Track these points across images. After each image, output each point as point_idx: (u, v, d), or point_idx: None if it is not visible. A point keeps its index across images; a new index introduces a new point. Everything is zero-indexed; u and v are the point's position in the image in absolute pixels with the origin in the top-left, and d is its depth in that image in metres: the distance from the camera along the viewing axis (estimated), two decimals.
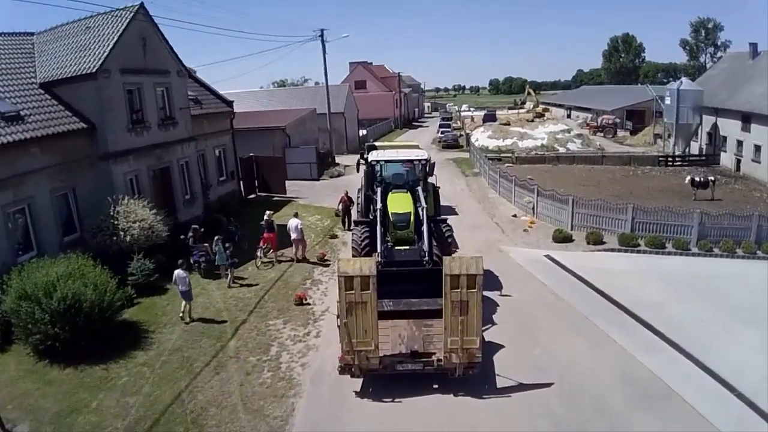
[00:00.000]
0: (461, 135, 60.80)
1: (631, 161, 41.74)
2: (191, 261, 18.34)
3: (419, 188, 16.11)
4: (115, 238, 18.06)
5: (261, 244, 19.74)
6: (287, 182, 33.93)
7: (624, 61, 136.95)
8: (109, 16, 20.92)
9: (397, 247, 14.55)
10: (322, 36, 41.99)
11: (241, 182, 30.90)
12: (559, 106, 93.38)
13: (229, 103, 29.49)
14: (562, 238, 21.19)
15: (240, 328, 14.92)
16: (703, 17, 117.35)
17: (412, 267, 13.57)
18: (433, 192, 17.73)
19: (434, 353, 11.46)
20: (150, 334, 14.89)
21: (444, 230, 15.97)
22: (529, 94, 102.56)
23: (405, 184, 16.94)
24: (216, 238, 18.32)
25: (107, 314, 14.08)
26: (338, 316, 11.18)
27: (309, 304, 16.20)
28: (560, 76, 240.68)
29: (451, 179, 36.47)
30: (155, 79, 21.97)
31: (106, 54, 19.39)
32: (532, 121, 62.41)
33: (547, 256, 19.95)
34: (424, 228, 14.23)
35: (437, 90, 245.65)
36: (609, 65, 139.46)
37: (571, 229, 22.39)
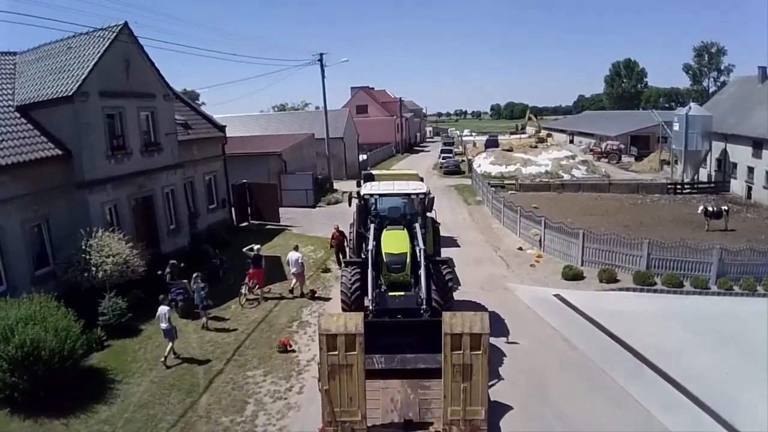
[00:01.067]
0: (463, 161, 59.58)
1: (639, 189, 40.33)
2: (169, 299, 16.84)
3: (417, 224, 14.63)
4: (86, 274, 16.74)
5: (246, 280, 18.23)
6: (283, 209, 32.65)
7: (626, 87, 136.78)
8: (92, 37, 19.80)
9: (390, 293, 12.98)
10: (321, 60, 41.14)
11: (233, 210, 29.49)
12: (562, 131, 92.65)
13: (221, 128, 28.26)
14: (573, 275, 19.64)
15: (215, 379, 13.34)
16: (706, 41, 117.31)
17: (407, 316, 12.07)
18: (432, 228, 16.17)
19: (432, 423, 9.85)
20: (116, 385, 13.42)
21: (444, 272, 14.27)
22: (530, 119, 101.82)
23: (402, 220, 15.41)
24: (195, 275, 16.82)
25: (68, 362, 12.74)
26: (319, 380, 9.60)
27: (294, 351, 14.57)
28: (561, 101, 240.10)
29: (452, 207, 35.07)
30: (139, 102, 20.76)
31: (84, 76, 18.24)
32: (535, 147, 61.16)
33: (557, 296, 18.38)
34: (422, 271, 12.73)
35: (439, 115, 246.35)
36: (611, 90, 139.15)
37: (582, 265, 20.86)
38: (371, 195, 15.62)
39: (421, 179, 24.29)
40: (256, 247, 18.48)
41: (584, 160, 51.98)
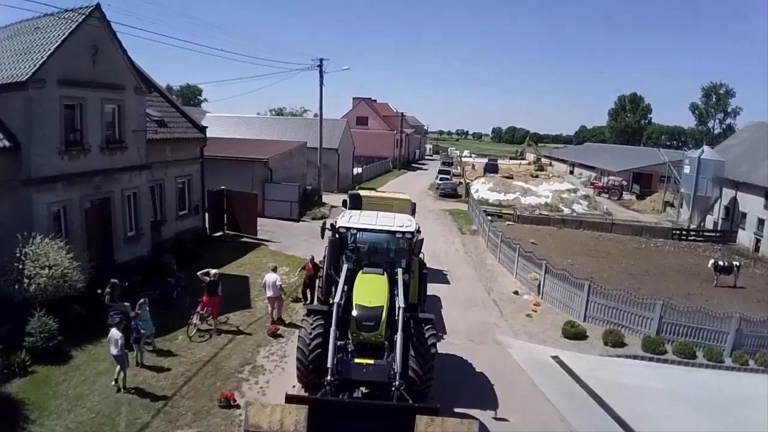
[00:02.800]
0: (460, 183, 57.52)
1: (643, 231, 38.23)
2: (108, 323, 14.41)
3: (400, 270, 12.27)
4: (17, 285, 14.48)
5: (198, 308, 15.78)
6: (263, 221, 30.31)
7: (630, 121, 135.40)
8: (60, 18, 17.53)
9: (356, 360, 10.50)
10: (320, 66, 38.99)
11: (207, 218, 27.09)
12: (562, 161, 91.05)
13: (201, 129, 25.93)
14: (574, 334, 17.31)
15: None
16: (715, 82, 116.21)
17: (375, 391, 9.74)
18: (419, 274, 13.52)
19: None
20: (29, 425, 11.18)
21: (427, 335, 11.50)
22: (529, 145, 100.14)
23: (382, 261, 12.91)
24: (141, 299, 14.40)
25: None
26: None
27: (238, 406, 12.08)
28: (562, 130, 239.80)
29: (445, 235, 32.79)
30: (104, 94, 18.44)
31: (42, 61, 15.95)
32: (536, 176, 59.14)
33: (555, 358, 16.03)
34: (399, 334, 10.31)
35: (440, 132, 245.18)
36: (615, 123, 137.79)
37: (584, 320, 18.57)
38: (347, 229, 13.05)
39: (414, 206, 22.12)
40: (212, 271, 16.00)
41: (586, 195, 50.00)
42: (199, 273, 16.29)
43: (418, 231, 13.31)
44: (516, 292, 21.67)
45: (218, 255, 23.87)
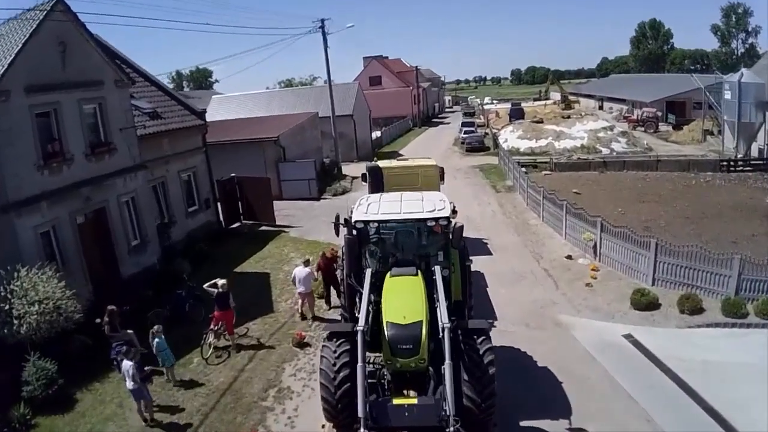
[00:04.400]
0: (486, 134, 54.31)
1: (690, 166, 34.93)
2: (111, 357, 12.69)
3: (437, 267, 9.97)
4: (6, 329, 12.84)
5: (211, 325, 13.88)
6: (282, 204, 28.32)
7: (652, 48, 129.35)
8: (22, 20, 15.39)
9: (396, 402, 8.20)
10: (323, 27, 36.14)
11: (221, 210, 25.17)
12: (589, 96, 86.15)
13: (200, 114, 23.71)
14: (646, 303, 14.86)
15: None
16: (733, 2, 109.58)
17: None
18: (461, 267, 10.92)
19: None
20: None
21: (483, 349, 9.03)
22: (552, 83, 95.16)
23: (414, 257, 10.59)
24: (155, 328, 12.55)
25: None
26: None
27: None
28: (583, 64, 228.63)
29: (478, 196, 30.21)
30: (81, 94, 16.39)
31: (2, 71, 13.99)
32: (568, 117, 55.24)
33: (629, 338, 13.65)
34: (447, 363, 7.95)
35: (458, 82, 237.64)
36: (637, 52, 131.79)
37: (653, 284, 16.11)
38: (366, 223, 10.56)
39: (442, 171, 19.65)
40: (220, 282, 13.90)
41: (623, 131, 46.35)
42: (205, 285, 14.33)
43: (454, 211, 10.95)
44: (569, 257, 19.16)
45: (236, 250, 22.04)
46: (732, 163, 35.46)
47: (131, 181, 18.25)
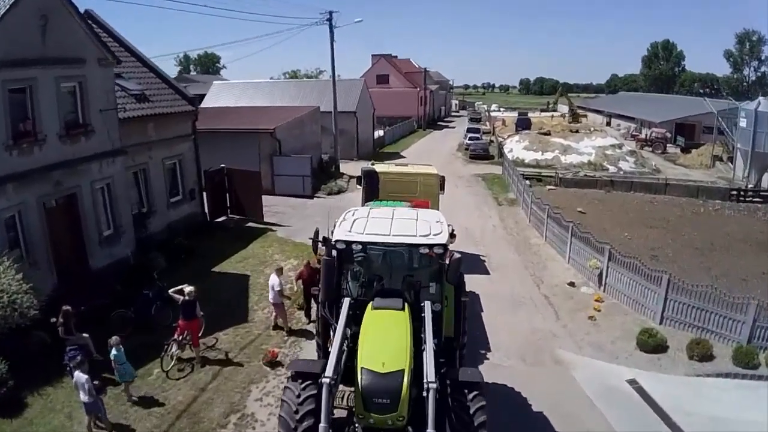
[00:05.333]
0: (491, 141, 53.04)
1: (699, 192, 33.76)
2: (64, 362, 11.44)
3: (427, 302, 8.66)
4: None
5: (175, 335, 12.59)
6: (273, 199, 27.10)
7: (663, 69, 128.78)
8: None
9: None
10: (330, 19, 34.78)
11: (206, 202, 23.85)
12: (598, 111, 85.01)
13: (191, 100, 22.38)
14: (653, 346, 13.60)
15: None
16: (748, 29, 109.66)
17: None
18: (455, 303, 9.66)
19: None
20: None
21: (474, 409, 7.64)
22: (561, 95, 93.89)
23: (402, 286, 9.28)
24: (112, 340, 11.25)
25: None
26: None
27: None
28: (592, 79, 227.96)
29: (479, 207, 28.94)
30: (60, 71, 15.07)
31: None
32: (576, 131, 53.98)
33: (633, 383, 12.41)
34: (429, 422, 6.72)
35: (466, 87, 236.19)
36: (648, 71, 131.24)
37: (660, 322, 14.89)
38: (349, 244, 9.16)
39: (442, 181, 18.35)
40: (188, 289, 12.57)
41: (632, 151, 45.16)
42: (171, 291, 13.00)
43: (452, 236, 9.64)
44: (572, 284, 17.88)
45: (218, 247, 20.75)
46: (742, 192, 34.31)
47: (108, 166, 16.93)
